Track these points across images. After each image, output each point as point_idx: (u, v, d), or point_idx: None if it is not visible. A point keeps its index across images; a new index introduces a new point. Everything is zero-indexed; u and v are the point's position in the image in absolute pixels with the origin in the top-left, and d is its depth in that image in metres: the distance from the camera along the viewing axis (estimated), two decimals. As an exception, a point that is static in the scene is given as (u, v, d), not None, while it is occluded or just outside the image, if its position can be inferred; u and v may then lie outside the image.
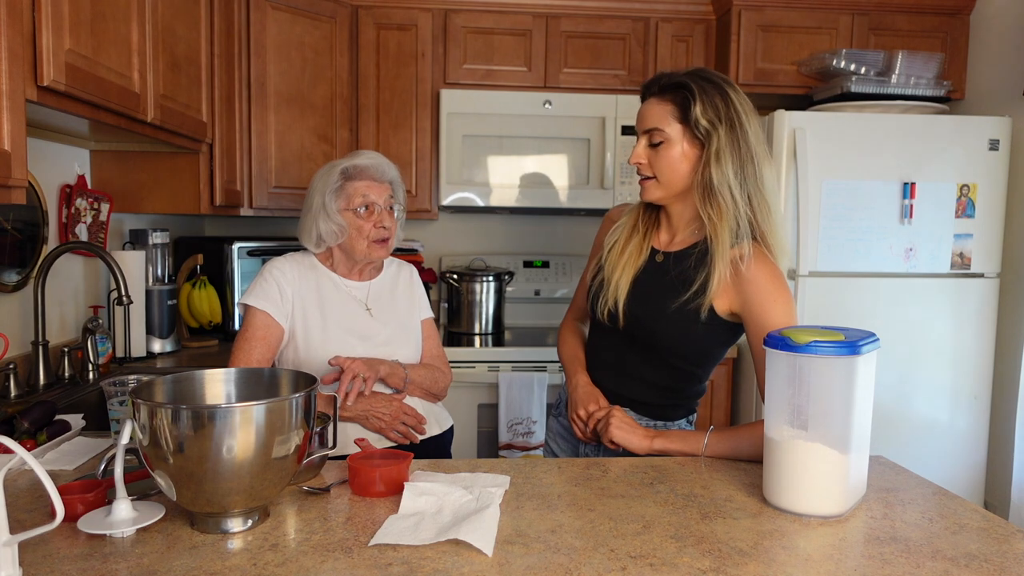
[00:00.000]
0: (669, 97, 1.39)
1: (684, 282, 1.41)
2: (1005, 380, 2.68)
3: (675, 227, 1.48)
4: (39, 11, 1.36)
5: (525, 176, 2.99)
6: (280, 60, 2.72)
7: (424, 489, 1.17)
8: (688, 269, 1.41)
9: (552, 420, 1.74)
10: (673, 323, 1.42)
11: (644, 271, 1.47)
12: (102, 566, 0.96)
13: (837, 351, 1.14)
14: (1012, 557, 1.04)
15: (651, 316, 1.44)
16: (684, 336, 1.43)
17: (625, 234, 1.52)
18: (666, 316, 1.42)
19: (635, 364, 1.51)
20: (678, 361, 1.48)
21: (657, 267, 1.47)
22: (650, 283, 1.46)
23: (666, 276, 1.44)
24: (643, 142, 1.42)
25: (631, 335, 1.48)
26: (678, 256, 1.45)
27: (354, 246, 1.71)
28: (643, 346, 1.48)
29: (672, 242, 1.48)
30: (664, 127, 1.39)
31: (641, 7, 3.01)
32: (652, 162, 1.41)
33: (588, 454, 1.59)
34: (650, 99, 1.42)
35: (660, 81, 1.41)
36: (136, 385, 1.32)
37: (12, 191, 1.33)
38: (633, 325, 1.46)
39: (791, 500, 1.17)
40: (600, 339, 1.58)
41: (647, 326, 1.45)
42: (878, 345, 1.21)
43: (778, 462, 1.19)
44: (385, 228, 1.71)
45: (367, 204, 1.69)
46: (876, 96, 2.72)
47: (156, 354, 2.51)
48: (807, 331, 1.18)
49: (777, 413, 1.20)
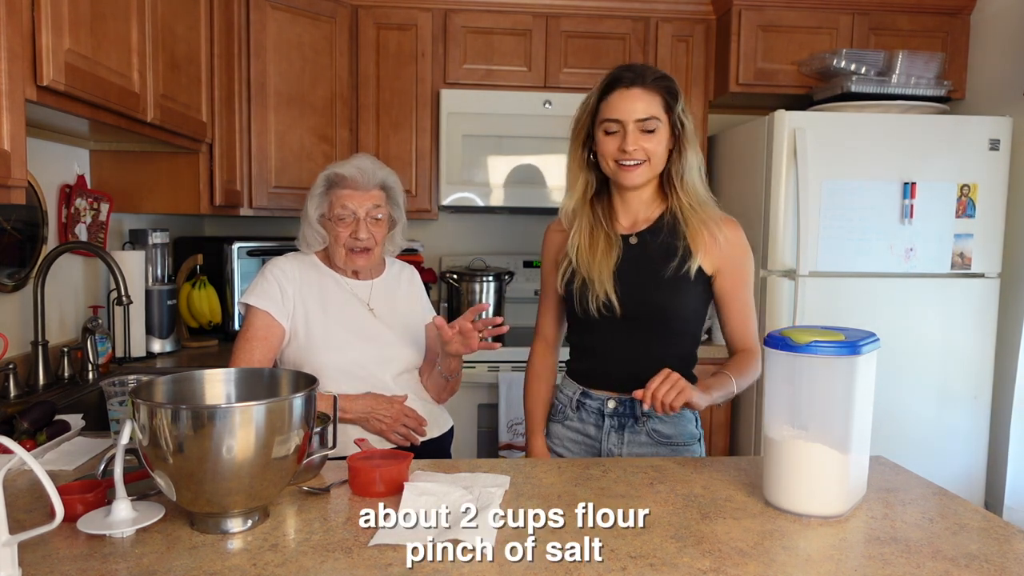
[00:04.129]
0: (657, 88, 1.49)
1: (667, 251, 1.52)
2: (1005, 380, 2.67)
3: (634, 210, 1.58)
4: (39, 11, 1.35)
5: (525, 176, 2.99)
6: (280, 60, 2.72)
7: (424, 489, 1.17)
8: (665, 240, 1.53)
9: (557, 427, 1.66)
10: (670, 288, 1.52)
11: (623, 257, 1.54)
12: (102, 566, 0.96)
13: (837, 351, 1.14)
14: (1012, 557, 1.04)
15: (648, 290, 1.52)
16: (683, 298, 1.54)
17: (586, 232, 1.58)
18: (662, 285, 1.52)
19: (643, 344, 1.55)
20: (680, 325, 1.57)
21: (634, 248, 1.55)
22: (634, 264, 1.54)
23: (647, 252, 1.54)
24: (634, 129, 1.48)
25: (633, 317, 1.53)
26: (651, 232, 1.56)
27: (334, 253, 1.73)
28: (647, 323, 1.54)
29: (636, 223, 1.58)
30: (658, 115, 1.49)
31: (641, 7, 3.01)
32: (644, 146, 1.49)
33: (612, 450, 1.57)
34: (635, 88, 1.49)
35: (647, 73, 1.50)
36: (136, 385, 1.32)
37: (12, 191, 1.32)
38: (633, 306, 1.52)
39: (791, 500, 1.17)
40: (600, 336, 1.58)
41: (647, 301, 1.52)
42: (878, 345, 1.21)
43: (778, 462, 1.19)
44: (360, 239, 1.68)
45: (344, 214, 1.68)
46: (876, 96, 2.72)
47: (156, 354, 2.51)
48: (807, 331, 1.18)
49: (777, 413, 1.20)
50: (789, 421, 1.18)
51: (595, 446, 1.60)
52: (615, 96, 1.49)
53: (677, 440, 1.57)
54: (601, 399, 1.59)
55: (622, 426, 1.57)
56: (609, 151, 1.51)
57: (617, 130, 1.49)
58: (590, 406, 1.60)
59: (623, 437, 1.57)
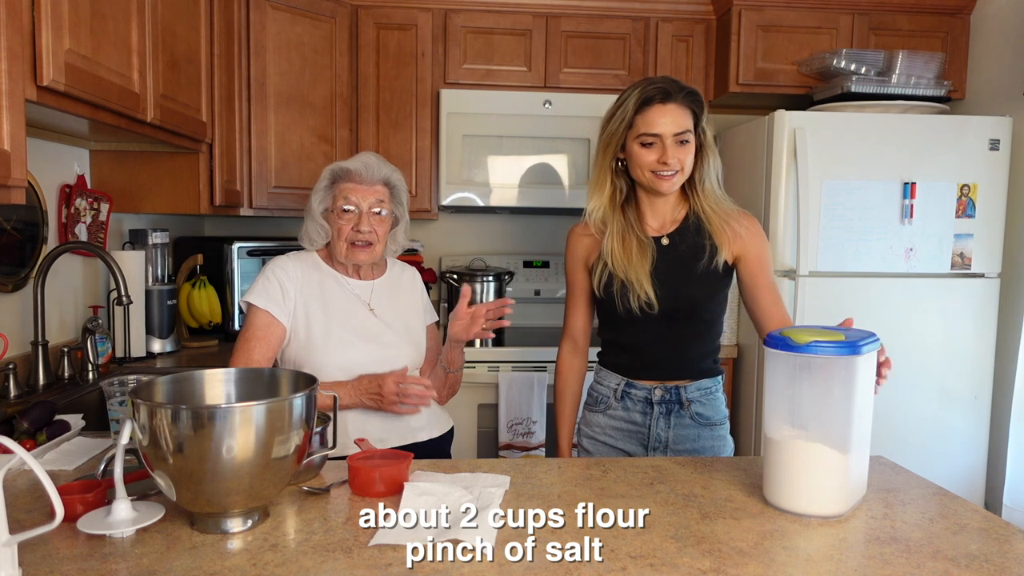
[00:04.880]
0: (688, 103, 1.61)
1: (697, 249, 1.65)
2: (1005, 380, 2.67)
3: (662, 213, 1.70)
4: (39, 11, 1.35)
5: (525, 176, 2.99)
6: (280, 60, 2.72)
7: (424, 489, 1.17)
8: (693, 239, 1.67)
9: (599, 416, 1.75)
10: (702, 283, 1.65)
11: (658, 257, 1.66)
12: (102, 566, 0.96)
13: (838, 351, 1.14)
14: (1012, 557, 1.04)
15: (686, 287, 1.65)
16: (714, 291, 1.68)
17: (618, 237, 1.67)
18: (695, 281, 1.65)
19: (679, 336, 1.68)
20: (711, 316, 1.71)
21: (667, 249, 1.67)
22: (669, 264, 1.66)
23: (679, 251, 1.67)
24: (672, 143, 1.59)
25: (670, 312, 1.64)
26: (679, 233, 1.68)
27: (335, 247, 1.73)
28: (683, 317, 1.66)
29: (664, 225, 1.70)
30: (691, 128, 1.61)
31: (641, 7, 3.01)
32: (679, 158, 1.60)
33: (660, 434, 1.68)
34: (670, 104, 1.59)
35: (680, 88, 1.60)
36: (136, 385, 1.32)
37: (12, 191, 1.32)
38: (671, 303, 1.64)
39: (791, 500, 1.17)
40: (639, 331, 1.68)
41: (683, 296, 1.64)
42: (878, 345, 1.21)
43: (778, 462, 1.19)
44: (362, 232, 1.70)
45: (348, 207, 1.69)
46: (876, 96, 2.72)
47: (156, 354, 2.51)
48: (807, 331, 1.18)
49: (777, 413, 1.20)
50: (789, 421, 1.18)
51: (642, 432, 1.71)
52: (652, 112, 1.59)
53: (715, 420, 1.71)
54: (647, 388, 1.69)
55: (669, 412, 1.69)
56: (646, 162, 1.60)
57: (653, 142, 1.59)
58: (635, 395, 1.71)
59: (670, 421, 1.69)
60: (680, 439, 1.69)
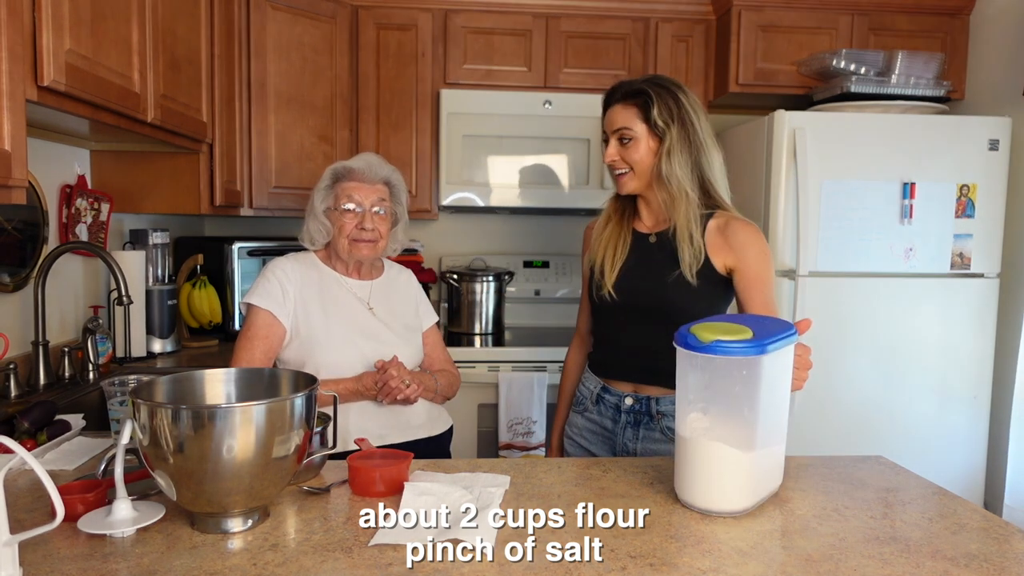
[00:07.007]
0: (631, 102, 1.59)
1: (674, 256, 1.60)
2: (1005, 380, 2.68)
3: (656, 211, 1.66)
4: (39, 11, 1.36)
5: (525, 176, 2.99)
6: (280, 60, 2.72)
7: (424, 489, 1.17)
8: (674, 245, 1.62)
9: (578, 418, 1.75)
10: (680, 287, 1.58)
11: (637, 252, 1.65)
12: (102, 566, 0.96)
13: (742, 350, 1.10)
14: (1012, 557, 1.04)
15: (659, 287, 1.60)
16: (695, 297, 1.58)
17: (602, 224, 1.71)
18: (674, 282, 1.59)
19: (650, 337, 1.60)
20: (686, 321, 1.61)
21: (651, 247, 1.65)
22: (648, 261, 1.64)
23: (661, 250, 1.63)
24: (614, 142, 1.62)
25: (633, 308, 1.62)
26: (668, 233, 1.63)
27: (337, 244, 1.75)
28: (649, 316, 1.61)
29: (657, 223, 1.67)
30: (632, 126, 1.59)
31: (641, 7, 3.01)
32: (624, 157, 1.61)
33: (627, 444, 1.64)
34: (615, 105, 1.62)
35: (622, 89, 1.62)
36: (136, 385, 1.32)
37: (12, 191, 1.33)
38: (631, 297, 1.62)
39: (696, 497, 1.17)
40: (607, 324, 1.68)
41: (655, 294, 1.60)
42: (793, 339, 1.19)
43: (684, 459, 1.19)
44: (366, 230, 1.71)
45: (350, 205, 1.71)
46: (876, 96, 2.72)
47: (156, 354, 2.51)
48: (715, 328, 1.14)
49: (685, 410, 1.19)
50: (696, 418, 1.18)
51: (611, 439, 1.67)
52: (607, 113, 1.65)
53: None
54: (619, 395, 1.66)
55: (638, 422, 1.64)
56: (607, 163, 1.65)
57: (608, 143, 1.64)
58: (608, 401, 1.68)
59: (638, 433, 1.64)
60: (649, 452, 1.62)
